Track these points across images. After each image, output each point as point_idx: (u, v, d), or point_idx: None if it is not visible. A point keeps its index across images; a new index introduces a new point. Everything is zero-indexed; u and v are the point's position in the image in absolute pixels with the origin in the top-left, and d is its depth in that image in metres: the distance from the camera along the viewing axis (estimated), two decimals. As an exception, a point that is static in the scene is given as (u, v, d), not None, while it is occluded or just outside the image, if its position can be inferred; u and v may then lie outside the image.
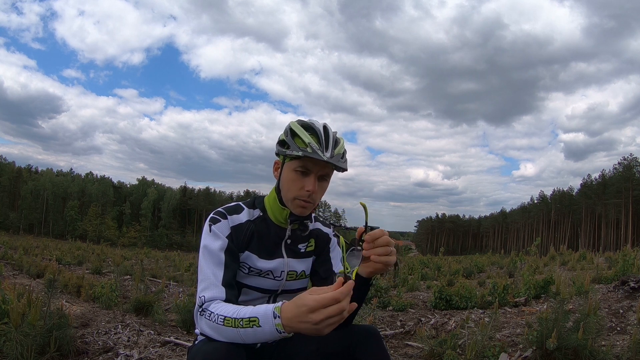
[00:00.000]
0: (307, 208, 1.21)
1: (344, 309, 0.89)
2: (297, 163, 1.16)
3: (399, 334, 3.42)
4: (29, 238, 24.91)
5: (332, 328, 0.91)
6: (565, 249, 11.64)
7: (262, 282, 1.25)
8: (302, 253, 1.31)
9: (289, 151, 1.14)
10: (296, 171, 1.16)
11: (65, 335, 2.28)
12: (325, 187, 1.22)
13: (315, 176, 1.16)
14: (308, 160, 1.14)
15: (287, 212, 1.23)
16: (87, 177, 77.84)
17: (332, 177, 1.24)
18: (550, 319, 2.44)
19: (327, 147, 1.13)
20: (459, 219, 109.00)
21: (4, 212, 63.57)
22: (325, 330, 0.90)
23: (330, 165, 1.16)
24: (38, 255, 10.16)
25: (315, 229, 1.35)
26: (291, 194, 1.19)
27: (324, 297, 0.89)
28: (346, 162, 1.20)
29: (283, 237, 1.27)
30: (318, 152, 1.12)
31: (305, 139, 1.13)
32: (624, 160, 66.16)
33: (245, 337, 0.99)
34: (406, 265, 10.04)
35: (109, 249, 16.84)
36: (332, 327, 0.90)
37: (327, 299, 0.88)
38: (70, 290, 4.89)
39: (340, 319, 0.90)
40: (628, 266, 5.21)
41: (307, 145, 1.12)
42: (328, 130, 1.17)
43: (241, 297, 1.24)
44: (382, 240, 1.06)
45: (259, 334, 0.97)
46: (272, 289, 1.27)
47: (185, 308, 3.36)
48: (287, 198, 1.21)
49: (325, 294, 0.90)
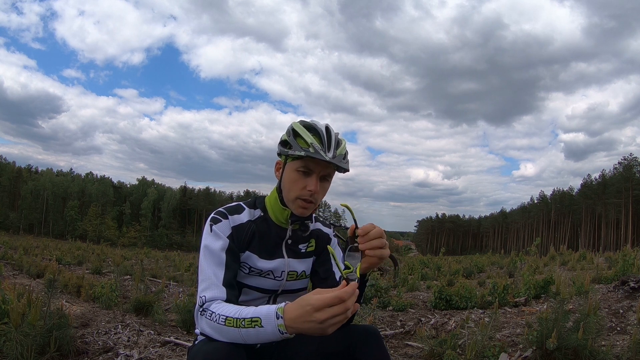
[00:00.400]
0: (308, 209, 1.21)
1: (348, 308, 0.90)
2: (299, 163, 1.16)
3: (399, 334, 3.42)
4: (29, 238, 24.90)
5: (336, 327, 0.92)
6: (565, 249, 11.64)
7: (262, 282, 1.25)
8: (303, 253, 1.31)
9: (291, 151, 1.15)
10: (298, 171, 1.17)
11: (65, 335, 2.28)
12: (326, 187, 1.23)
13: (317, 176, 1.17)
14: (310, 160, 1.14)
15: (288, 213, 1.23)
16: (87, 177, 77.81)
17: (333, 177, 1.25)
18: (550, 319, 2.43)
19: (330, 148, 1.14)
20: (459, 219, 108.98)
21: (4, 212, 63.52)
22: (330, 329, 0.91)
23: (332, 166, 1.17)
24: (38, 255, 10.16)
25: (316, 230, 1.35)
26: (293, 194, 1.19)
27: (328, 296, 0.90)
28: (348, 163, 1.21)
29: (284, 238, 1.27)
30: (320, 152, 1.12)
31: (307, 139, 1.13)
32: (623, 160, 66.20)
33: (246, 337, 0.99)
34: (406, 265, 10.04)
35: (109, 249, 16.84)
36: (336, 326, 0.92)
37: (332, 298, 0.90)
38: (70, 290, 4.89)
39: (345, 318, 0.91)
40: (628, 266, 5.20)
41: (310, 146, 1.13)
42: (330, 131, 1.18)
43: (241, 297, 1.23)
44: (375, 232, 1.07)
45: (261, 334, 0.97)
46: (273, 289, 1.27)
47: (185, 308, 3.36)
48: (288, 198, 1.21)
49: (329, 293, 0.91)
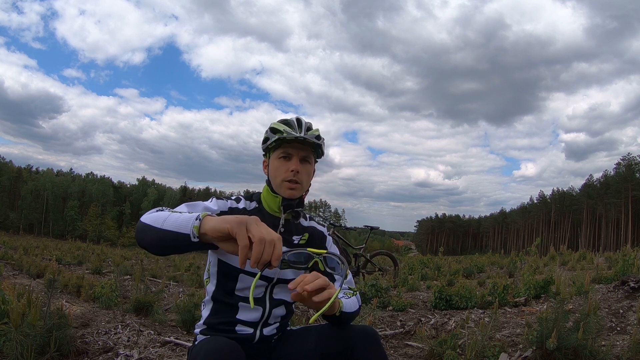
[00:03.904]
0: (296, 189, 1.30)
1: (274, 256, 0.89)
2: (278, 152, 1.30)
3: (399, 334, 3.42)
4: (29, 238, 24.92)
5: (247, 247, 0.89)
6: (565, 249, 11.62)
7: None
8: (296, 245, 1.35)
9: (269, 142, 1.30)
10: (279, 158, 1.30)
11: (65, 335, 2.27)
12: (309, 170, 1.33)
13: (297, 158, 1.29)
14: (287, 144, 1.28)
15: (280, 199, 1.31)
16: (87, 177, 77.88)
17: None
18: (550, 319, 2.43)
19: (301, 129, 1.28)
20: (459, 219, 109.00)
21: (4, 212, 63.54)
22: (241, 235, 0.88)
23: (308, 148, 1.30)
24: (38, 255, 10.15)
25: (310, 226, 1.41)
26: (279, 178, 1.30)
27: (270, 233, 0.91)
28: (323, 143, 1.33)
29: (277, 226, 1.32)
30: (292, 132, 1.26)
31: (280, 127, 1.28)
32: (623, 160, 66.16)
33: (167, 220, 0.99)
34: (406, 265, 10.04)
35: (109, 249, 16.81)
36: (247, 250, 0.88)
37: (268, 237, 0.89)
38: (70, 290, 4.88)
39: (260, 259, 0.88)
40: (628, 266, 5.19)
41: (283, 131, 1.27)
42: (301, 119, 1.31)
43: (238, 284, 1.26)
44: (310, 279, 1.02)
45: (179, 219, 0.97)
46: (269, 277, 1.29)
47: (185, 308, 3.36)
48: (276, 184, 1.31)
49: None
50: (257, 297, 1.29)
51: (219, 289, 1.29)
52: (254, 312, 1.28)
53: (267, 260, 0.88)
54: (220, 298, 1.29)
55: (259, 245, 0.87)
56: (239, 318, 1.27)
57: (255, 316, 1.28)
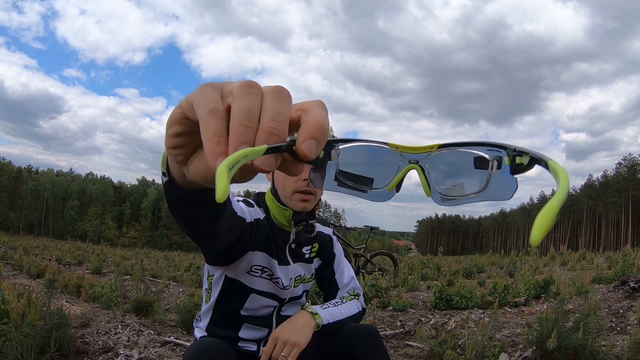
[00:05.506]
0: (309, 201, 1.14)
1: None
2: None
3: (399, 334, 3.42)
4: (29, 238, 24.92)
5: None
6: (565, 249, 11.61)
7: (273, 288, 1.18)
8: (307, 259, 1.26)
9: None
10: None
11: (65, 335, 2.27)
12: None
13: (309, 165, 1.16)
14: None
15: (290, 213, 1.16)
16: (87, 177, 77.82)
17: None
18: (550, 319, 2.43)
19: None
20: (459, 219, 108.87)
21: (4, 212, 63.55)
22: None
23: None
24: (38, 255, 10.15)
25: (317, 233, 1.30)
26: (289, 188, 1.13)
27: None
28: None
29: (287, 241, 1.20)
30: None
31: None
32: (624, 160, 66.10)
33: None
34: (406, 265, 10.03)
35: (109, 249, 16.82)
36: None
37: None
38: (70, 290, 4.88)
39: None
40: (628, 266, 5.19)
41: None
42: None
43: (247, 304, 1.17)
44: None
45: None
46: (282, 297, 1.21)
47: (185, 308, 3.36)
48: (285, 195, 1.15)
49: None
50: (264, 315, 1.20)
51: (221, 304, 1.18)
52: (259, 332, 1.21)
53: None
54: (222, 312, 1.20)
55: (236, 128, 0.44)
56: (241, 336, 1.20)
57: (260, 335, 1.21)
